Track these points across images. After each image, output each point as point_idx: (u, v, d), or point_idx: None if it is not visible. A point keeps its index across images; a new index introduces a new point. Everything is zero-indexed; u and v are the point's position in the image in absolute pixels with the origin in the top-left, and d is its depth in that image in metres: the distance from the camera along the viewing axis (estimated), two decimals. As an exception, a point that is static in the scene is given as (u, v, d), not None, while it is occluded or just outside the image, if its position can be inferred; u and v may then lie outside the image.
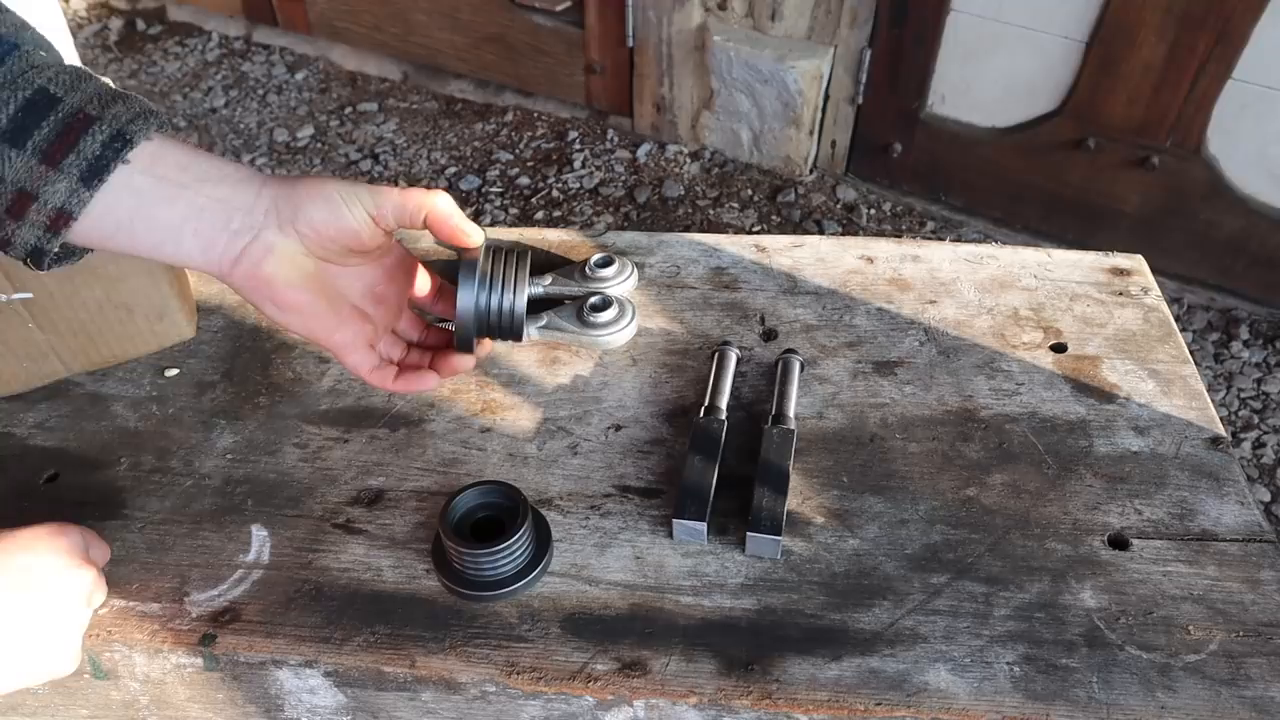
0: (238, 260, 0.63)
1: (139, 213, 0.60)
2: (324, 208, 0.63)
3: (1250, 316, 2.25)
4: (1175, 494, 0.77)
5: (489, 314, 0.72)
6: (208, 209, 0.62)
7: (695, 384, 0.86)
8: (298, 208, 0.63)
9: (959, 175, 2.45)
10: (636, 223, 2.52)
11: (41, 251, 0.60)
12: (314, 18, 3.02)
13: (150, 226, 0.61)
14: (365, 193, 0.65)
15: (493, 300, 0.72)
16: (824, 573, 0.71)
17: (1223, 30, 1.95)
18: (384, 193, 0.65)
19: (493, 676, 0.66)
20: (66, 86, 0.59)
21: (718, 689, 0.64)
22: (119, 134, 0.59)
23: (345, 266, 0.68)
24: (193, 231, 0.62)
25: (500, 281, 0.72)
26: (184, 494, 0.78)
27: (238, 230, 0.63)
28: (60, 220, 0.59)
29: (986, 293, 0.95)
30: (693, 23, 2.48)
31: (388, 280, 0.72)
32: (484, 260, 0.72)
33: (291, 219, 0.63)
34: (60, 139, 0.57)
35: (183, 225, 0.61)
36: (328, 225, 0.64)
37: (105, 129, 0.58)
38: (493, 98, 2.94)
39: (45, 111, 0.58)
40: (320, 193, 0.64)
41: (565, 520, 0.75)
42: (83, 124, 0.58)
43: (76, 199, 0.58)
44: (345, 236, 0.65)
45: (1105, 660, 0.66)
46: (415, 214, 0.67)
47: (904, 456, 0.80)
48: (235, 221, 0.62)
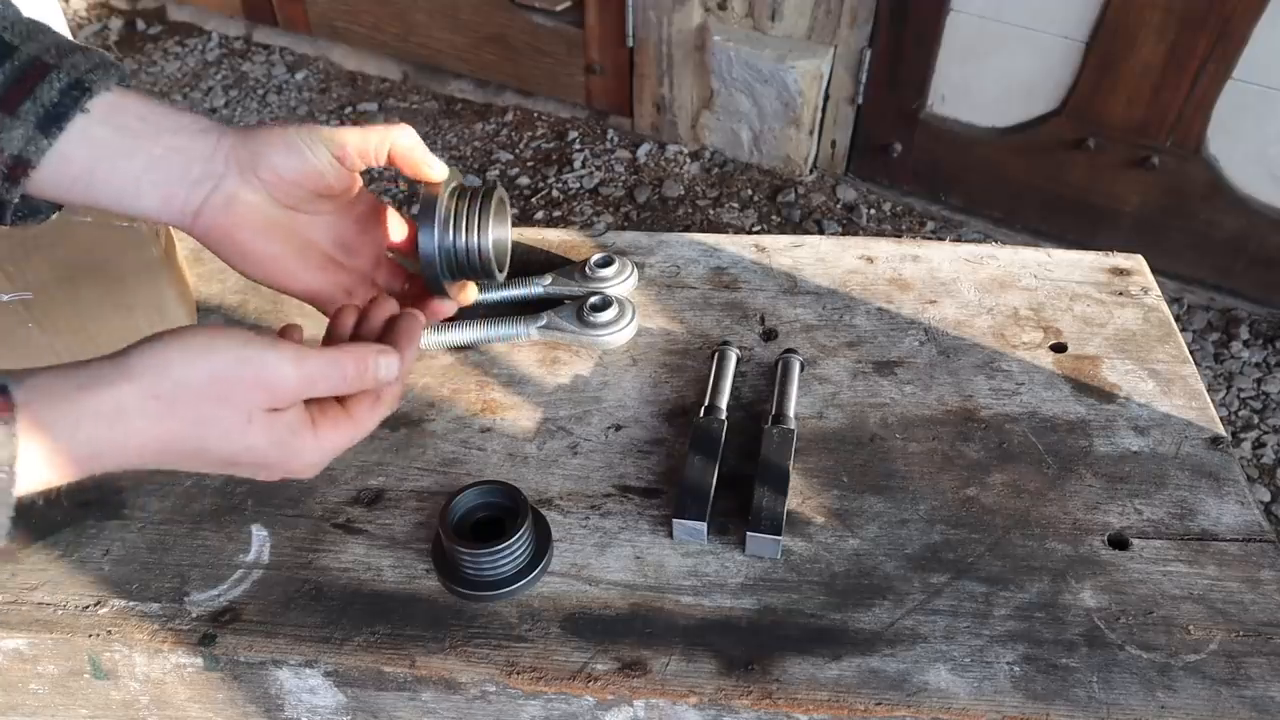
0: (199, 211, 0.62)
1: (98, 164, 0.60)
2: (285, 152, 0.63)
3: (1250, 316, 2.25)
4: (1175, 494, 0.77)
5: (454, 253, 0.70)
6: (166, 159, 0.61)
7: (695, 384, 0.86)
8: (257, 154, 0.62)
9: (959, 175, 2.45)
10: (636, 223, 2.52)
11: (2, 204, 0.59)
12: (314, 18, 3.02)
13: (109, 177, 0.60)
14: (326, 133, 0.64)
15: (457, 239, 0.70)
16: (824, 573, 0.71)
17: (1223, 30, 1.95)
18: (344, 131, 0.65)
19: (493, 676, 0.66)
20: (23, 36, 0.58)
21: (718, 689, 0.64)
22: (77, 82, 0.58)
23: (313, 215, 0.67)
24: (152, 183, 0.61)
25: (464, 218, 0.70)
26: (184, 494, 0.78)
27: (197, 180, 0.62)
28: (18, 169, 0.58)
29: (986, 293, 0.95)
30: (693, 23, 2.48)
31: (359, 228, 0.71)
32: (447, 198, 0.70)
33: (252, 165, 0.62)
34: (17, 85, 0.57)
35: (142, 176, 0.61)
36: (290, 169, 0.63)
37: (63, 77, 0.58)
38: (493, 98, 2.94)
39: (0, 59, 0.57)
40: (280, 137, 0.63)
41: (565, 520, 0.75)
42: (40, 71, 0.57)
43: (34, 146, 0.57)
44: (309, 180, 0.64)
45: (1105, 660, 0.66)
46: (379, 149, 0.66)
47: (904, 456, 0.80)
48: (194, 171, 0.62)
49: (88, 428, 0.49)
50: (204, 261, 0.99)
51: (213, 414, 0.52)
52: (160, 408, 0.51)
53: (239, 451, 0.54)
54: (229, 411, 0.52)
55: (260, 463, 0.55)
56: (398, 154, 0.67)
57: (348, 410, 0.59)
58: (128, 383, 0.50)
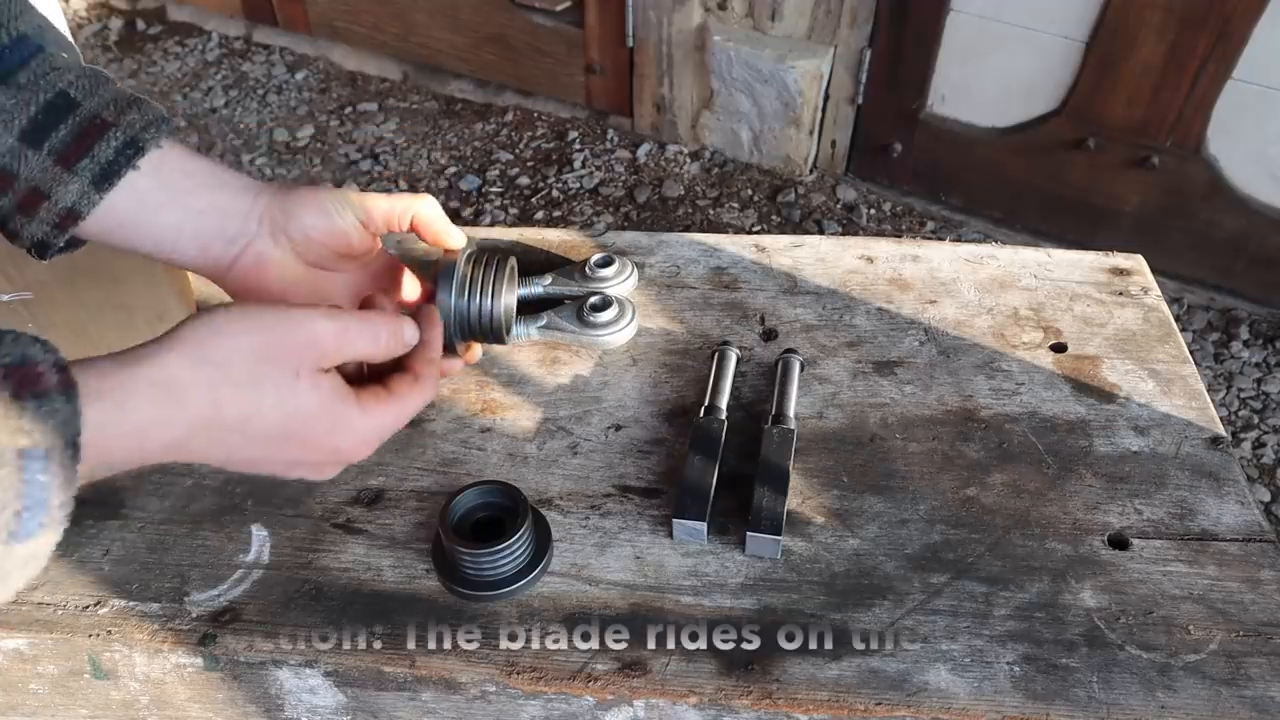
0: (232, 265, 0.66)
1: (141, 214, 0.63)
2: (316, 214, 0.67)
3: (1250, 316, 2.25)
4: (1175, 494, 0.77)
5: (469, 317, 0.75)
6: (206, 214, 0.64)
7: (695, 384, 0.86)
8: (290, 215, 0.66)
9: (959, 175, 2.45)
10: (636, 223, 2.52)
11: (46, 245, 0.62)
12: (314, 18, 3.02)
13: (151, 228, 0.63)
14: (355, 198, 0.68)
15: (471, 304, 0.75)
16: (824, 573, 0.71)
17: (1223, 30, 1.95)
18: (371, 198, 0.69)
19: (493, 676, 0.66)
20: (86, 91, 0.60)
21: (718, 689, 0.64)
22: (132, 141, 0.61)
23: (334, 271, 0.71)
24: (191, 234, 0.64)
25: (479, 285, 0.75)
26: (184, 494, 0.78)
27: (233, 237, 0.65)
28: (69, 219, 0.61)
29: (986, 293, 0.95)
30: (693, 23, 2.48)
31: (374, 286, 0.74)
32: (465, 264, 0.75)
33: (284, 226, 0.66)
34: (77, 142, 0.60)
35: (181, 228, 0.64)
36: (319, 231, 0.67)
37: (120, 135, 0.60)
38: (493, 98, 2.94)
39: (64, 114, 0.59)
40: (313, 201, 0.67)
41: (565, 520, 0.75)
42: (99, 129, 0.60)
43: (86, 200, 0.60)
44: (335, 241, 0.68)
45: (1105, 660, 0.66)
46: (402, 218, 0.71)
47: (904, 456, 0.80)
48: (231, 228, 0.65)
49: (144, 399, 0.48)
50: (204, 261, 0.99)
51: (263, 374, 0.53)
52: (212, 372, 0.51)
53: (291, 415, 0.54)
54: (277, 370, 0.53)
55: (310, 435, 0.56)
56: (420, 223, 0.72)
57: (389, 387, 0.60)
58: (177, 352, 0.50)
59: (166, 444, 0.50)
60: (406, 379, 0.61)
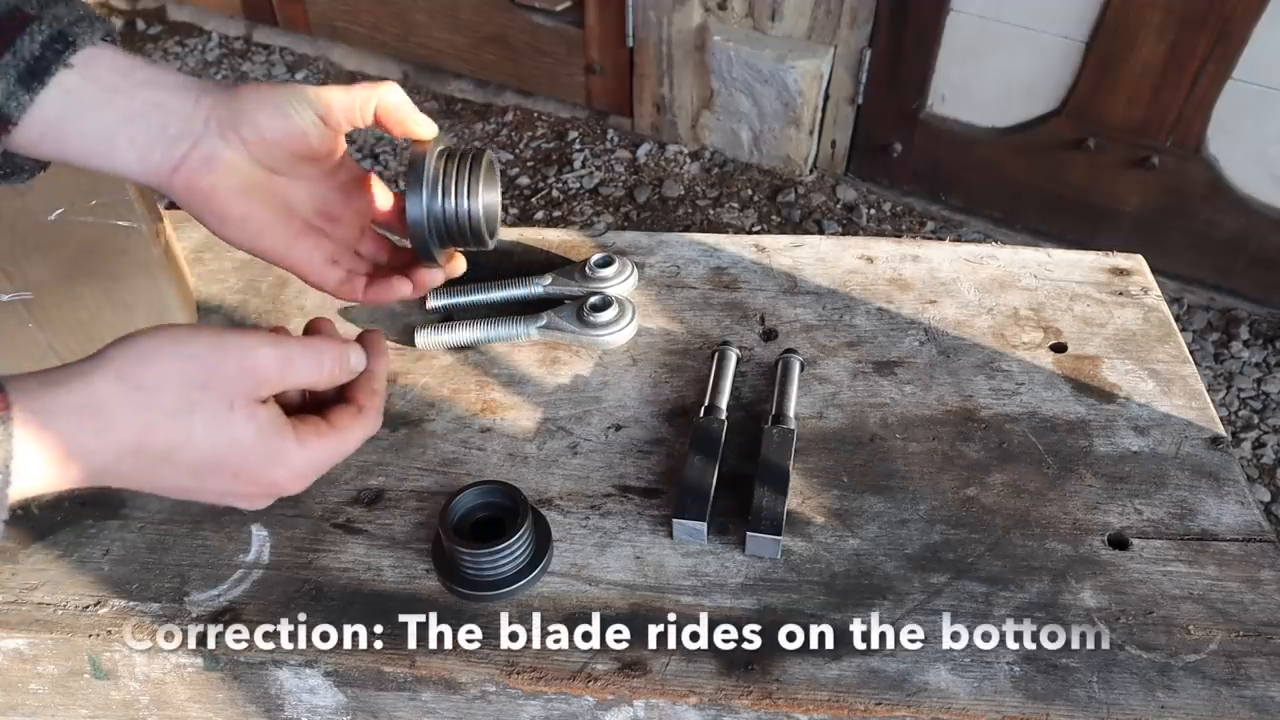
0: (176, 168, 0.59)
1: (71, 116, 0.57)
2: (268, 111, 0.60)
3: (1250, 316, 2.25)
4: (1175, 494, 0.77)
5: (444, 218, 0.67)
6: (143, 114, 0.58)
7: (695, 384, 0.86)
8: (239, 112, 0.60)
9: (959, 175, 2.45)
10: (636, 223, 2.52)
11: None
12: (314, 18, 3.01)
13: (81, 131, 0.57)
14: (310, 92, 0.62)
15: (446, 203, 0.67)
16: (824, 573, 0.71)
17: (1223, 30, 1.95)
18: (329, 90, 0.63)
19: (493, 676, 0.66)
20: None
21: (718, 689, 0.64)
22: (59, 35, 0.55)
23: (294, 179, 0.65)
24: (128, 138, 0.58)
25: (453, 182, 0.67)
26: (184, 494, 0.78)
27: (175, 137, 0.59)
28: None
29: (986, 293, 0.95)
30: (693, 23, 2.48)
31: (342, 196, 0.69)
32: (436, 160, 0.67)
33: (234, 124, 0.60)
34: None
35: (117, 131, 0.58)
36: (273, 129, 0.61)
37: (45, 28, 0.55)
38: (493, 98, 2.94)
39: None
40: (264, 97, 0.60)
41: (565, 520, 0.75)
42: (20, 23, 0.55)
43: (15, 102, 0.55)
44: (292, 140, 0.62)
45: (1105, 660, 0.66)
46: (364, 108, 0.64)
47: (904, 456, 0.80)
48: (173, 127, 0.59)
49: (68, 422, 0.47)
50: (204, 262, 0.99)
51: (196, 401, 0.50)
52: (141, 398, 0.49)
53: (223, 446, 0.52)
54: (211, 398, 0.51)
55: (243, 465, 0.53)
56: (384, 111, 0.65)
57: (329, 420, 0.57)
58: (105, 375, 0.48)
59: (91, 471, 0.49)
60: (349, 411, 0.58)
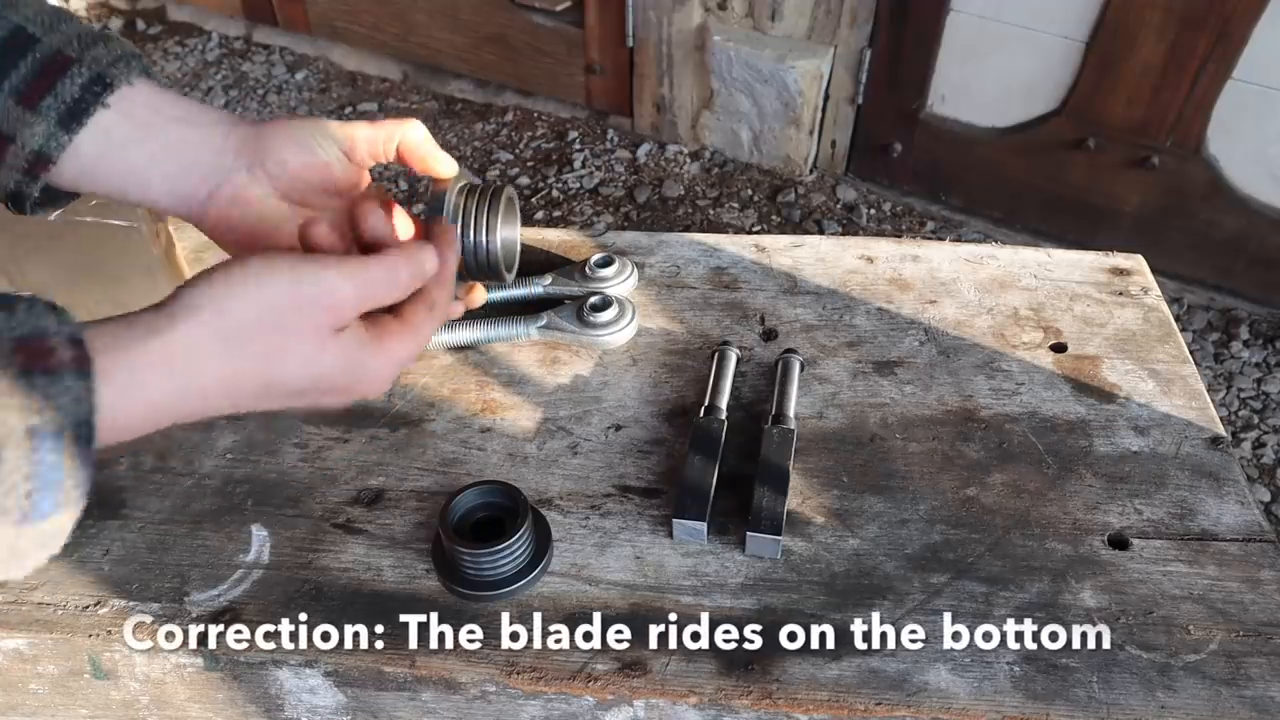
0: (206, 204, 0.61)
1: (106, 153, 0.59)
2: (294, 146, 0.62)
3: (1250, 316, 2.25)
4: (1175, 494, 0.77)
5: (464, 253, 0.69)
6: (175, 150, 0.60)
7: (695, 384, 0.86)
8: (267, 149, 0.61)
9: (959, 175, 2.45)
10: (636, 223, 2.52)
11: (22, 196, 0.59)
12: (314, 18, 3.02)
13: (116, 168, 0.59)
14: (335, 127, 0.63)
15: (465, 238, 0.69)
16: (824, 573, 0.71)
17: (1223, 30, 1.95)
18: (353, 126, 0.64)
19: (493, 676, 0.66)
20: (45, 27, 0.57)
21: (718, 689, 0.64)
22: (98, 77, 0.57)
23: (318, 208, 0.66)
24: (161, 173, 0.60)
25: (473, 217, 0.69)
26: (184, 494, 0.78)
27: (205, 173, 0.61)
28: (39, 164, 0.58)
29: (986, 293, 0.95)
30: (693, 23, 2.48)
31: None
32: (456, 195, 0.69)
33: (260, 159, 0.61)
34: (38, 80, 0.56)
35: (150, 166, 0.60)
36: (298, 163, 0.62)
37: (85, 71, 0.57)
38: (493, 98, 2.94)
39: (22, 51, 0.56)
40: (290, 132, 0.62)
41: (565, 520, 0.75)
42: (61, 66, 0.56)
43: (55, 142, 0.57)
44: (317, 174, 0.63)
45: (1105, 660, 0.66)
46: (387, 144, 0.65)
47: (904, 456, 0.80)
48: (204, 163, 0.61)
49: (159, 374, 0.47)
50: (204, 262, 0.99)
51: (282, 345, 0.51)
52: (228, 349, 0.49)
53: (311, 379, 0.52)
54: (296, 341, 0.51)
55: (331, 388, 0.54)
56: (406, 149, 0.66)
57: (403, 319, 0.58)
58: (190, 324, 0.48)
59: (174, 418, 0.49)
60: (421, 306, 0.58)
